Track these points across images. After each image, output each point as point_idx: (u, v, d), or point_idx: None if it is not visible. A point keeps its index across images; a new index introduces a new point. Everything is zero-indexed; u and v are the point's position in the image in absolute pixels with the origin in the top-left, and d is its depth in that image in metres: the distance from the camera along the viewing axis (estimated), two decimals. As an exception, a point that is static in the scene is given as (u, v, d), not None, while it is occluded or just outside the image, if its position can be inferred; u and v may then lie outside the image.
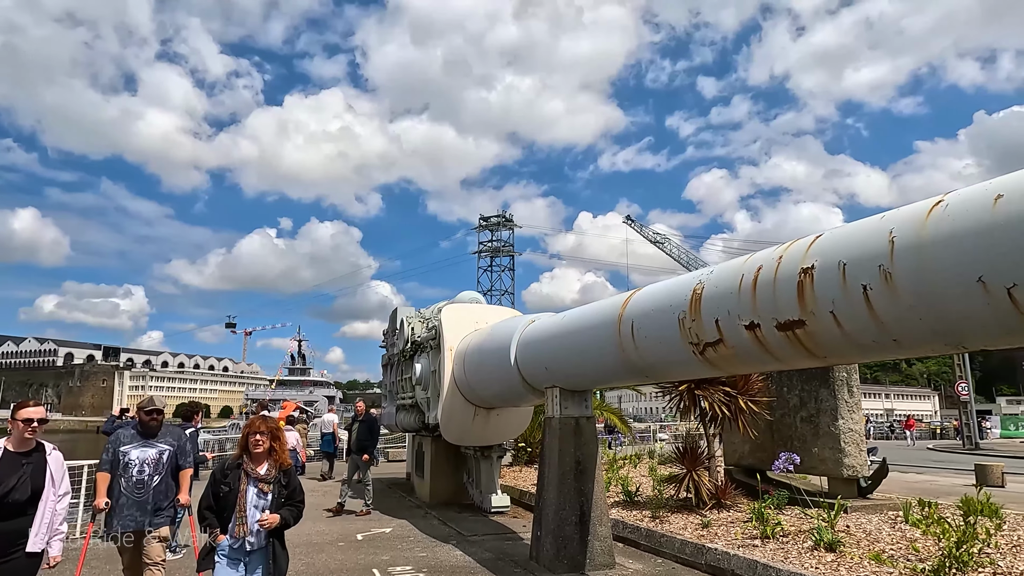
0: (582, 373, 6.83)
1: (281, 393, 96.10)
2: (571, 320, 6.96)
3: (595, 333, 6.29)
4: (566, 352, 6.94)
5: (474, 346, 9.83)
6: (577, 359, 6.72)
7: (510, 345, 8.30)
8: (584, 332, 6.53)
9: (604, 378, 6.62)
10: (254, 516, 4.09)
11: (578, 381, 7.16)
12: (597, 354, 6.32)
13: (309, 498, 10.80)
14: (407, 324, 13.17)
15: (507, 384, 8.67)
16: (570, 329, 6.86)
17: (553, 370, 7.36)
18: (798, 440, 9.60)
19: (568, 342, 6.86)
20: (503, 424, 11.08)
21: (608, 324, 6.03)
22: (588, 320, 6.53)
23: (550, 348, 7.34)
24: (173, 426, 5.82)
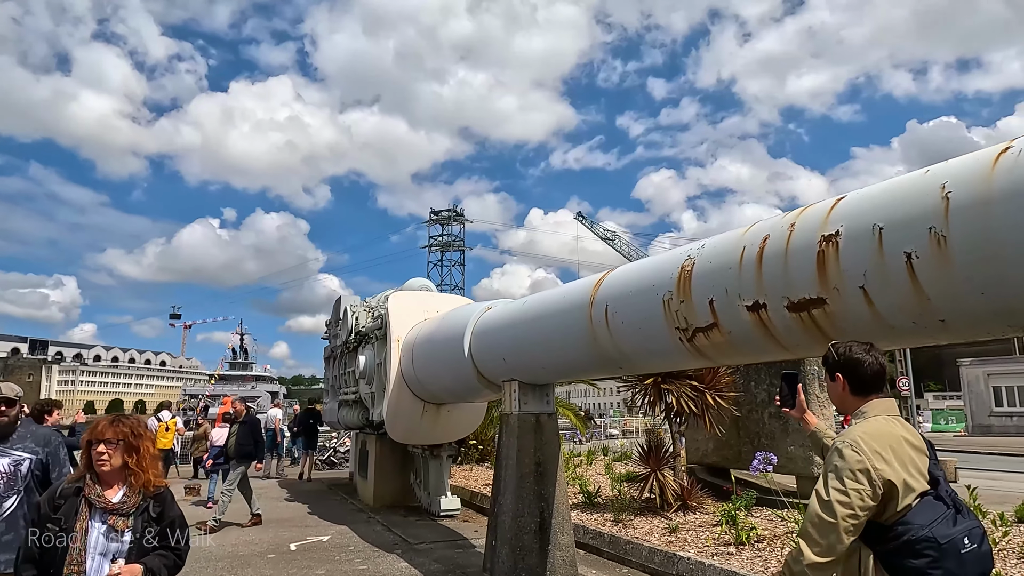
0: (545, 365, 6.10)
1: (222, 388, 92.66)
2: (533, 306, 6.22)
3: (561, 320, 5.56)
4: (527, 342, 6.19)
5: (423, 336, 9.00)
6: (540, 350, 5.99)
7: (464, 335, 7.51)
8: (548, 319, 5.80)
9: (571, 370, 5.90)
10: (101, 570, 2.71)
11: (540, 374, 6.43)
12: (564, 344, 5.60)
13: (237, 503, 9.76)
14: (351, 313, 12.21)
15: (460, 377, 7.88)
16: (532, 316, 6.12)
17: (512, 362, 6.61)
18: (766, 437, 9.13)
19: (530, 331, 6.11)
20: (454, 421, 10.27)
21: (577, 309, 5.31)
22: (553, 305, 5.80)
23: (509, 337, 6.59)
24: (41, 427, 4.74)
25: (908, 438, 2.34)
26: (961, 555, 2.14)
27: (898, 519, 2.21)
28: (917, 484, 2.25)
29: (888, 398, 2.47)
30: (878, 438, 2.28)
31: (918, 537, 2.16)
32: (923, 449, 2.36)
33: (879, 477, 2.19)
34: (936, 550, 2.13)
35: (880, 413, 2.40)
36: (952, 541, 2.15)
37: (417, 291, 11.16)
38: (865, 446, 2.24)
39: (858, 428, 2.35)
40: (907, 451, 2.30)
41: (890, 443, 2.27)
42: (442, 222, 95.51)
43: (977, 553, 2.18)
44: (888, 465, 2.22)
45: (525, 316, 6.28)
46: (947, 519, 2.19)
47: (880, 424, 2.35)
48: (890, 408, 2.45)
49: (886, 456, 2.23)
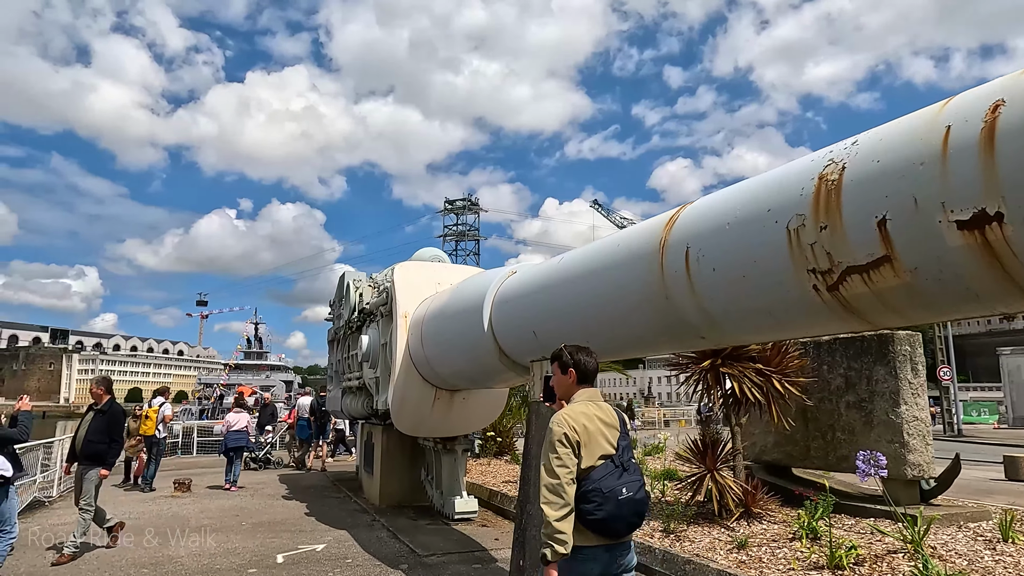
0: (591, 338, 4.65)
1: (237, 377, 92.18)
2: (575, 263, 4.77)
3: (616, 276, 4.12)
4: (566, 310, 4.76)
5: (434, 311, 7.61)
6: (584, 318, 4.55)
7: (482, 306, 6.11)
8: (597, 276, 4.36)
9: (627, 344, 4.45)
10: None
11: (582, 350, 5.00)
12: (619, 307, 4.16)
13: (244, 497, 8.40)
14: (354, 289, 10.84)
15: (477, 358, 6.49)
16: (573, 275, 4.68)
17: (545, 336, 5.19)
18: (843, 431, 7.63)
19: (570, 294, 4.68)
20: (470, 410, 8.89)
21: (640, 259, 3.87)
22: (604, 258, 4.35)
23: (540, 305, 5.16)
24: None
25: (601, 416, 3.17)
26: (619, 500, 2.98)
27: (584, 476, 3.01)
28: (601, 450, 3.07)
29: (593, 388, 3.33)
30: (576, 416, 3.10)
31: (591, 488, 2.99)
32: (615, 425, 3.19)
33: (574, 444, 3.01)
34: (600, 496, 2.97)
35: (585, 399, 3.24)
36: (613, 491, 2.99)
37: (427, 262, 9.75)
38: (566, 421, 3.06)
39: (565, 409, 3.19)
40: (598, 426, 3.12)
41: (584, 420, 3.09)
42: (457, 211, 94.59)
43: (632, 500, 3.02)
44: (579, 435, 3.03)
45: (563, 277, 4.84)
46: (613, 475, 3.03)
47: (581, 406, 3.18)
48: (593, 396, 3.28)
49: (578, 429, 3.05)
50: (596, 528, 2.95)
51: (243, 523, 9.13)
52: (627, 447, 3.16)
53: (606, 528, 2.96)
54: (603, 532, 2.97)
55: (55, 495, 11.93)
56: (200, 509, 10.27)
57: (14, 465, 6.34)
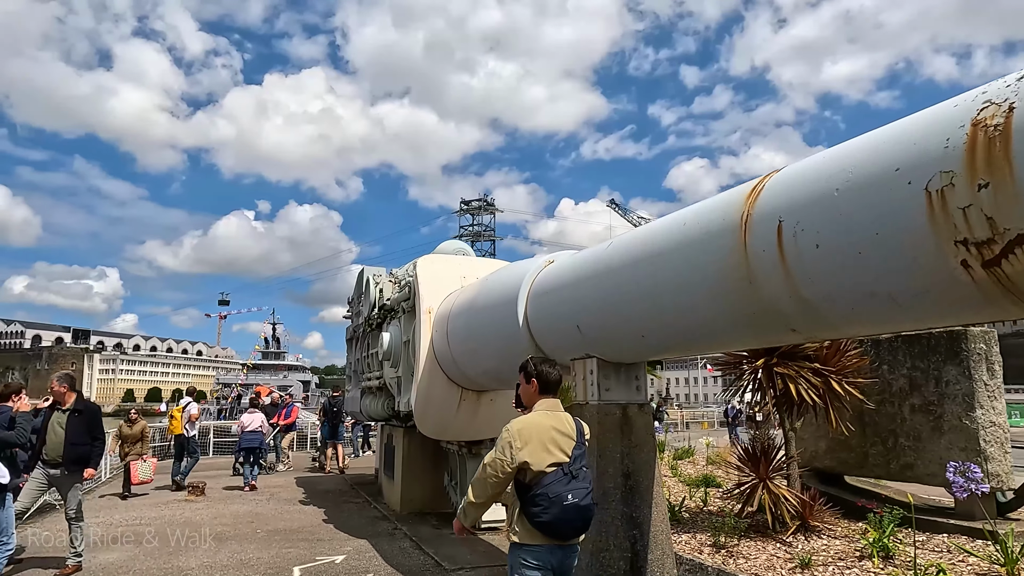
0: (649, 332, 4.09)
1: (254, 378, 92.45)
2: (628, 248, 4.21)
3: (682, 259, 3.56)
4: (619, 299, 4.20)
5: (461, 305, 7.08)
6: (642, 309, 3.99)
7: (517, 298, 5.56)
8: (657, 261, 3.79)
9: (692, 338, 3.87)
10: None
11: (634, 347, 4.44)
12: (686, 296, 3.59)
13: (259, 502, 7.91)
14: (374, 284, 10.35)
15: (510, 356, 5.92)
16: (627, 261, 4.11)
17: (591, 331, 4.64)
18: (907, 437, 6.99)
19: (623, 282, 4.12)
20: (498, 413, 8.33)
21: (715, 238, 3.30)
22: (666, 239, 3.78)
23: (586, 296, 4.60)
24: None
25: (556, 427, 3.36)
26: (564, 505, 3.19)
27: (535, 481, 3.25)
28: (553, 458, 3.27)
29: (554, 399, 3.53)
30: (528, 426, 3.33)
31: (539, 493, 3.22)
32: (570, 435, 3.38)
33: (515, 453, 3.24)
34: (547, 501, 3.19)
35: (543, 409, 3.46)
36: (559, 496, 3.19)
37: (451, 255, 9.23)
38: (515, 430, 3.30)
39: (520, 418, 3.42)
40: (551, 435, 3.32)
41: (535, 430, 3.31)
42: (472, 212, 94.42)
43: (577, 506, 3.22)
44: (527, 445, 3.26)
45: (613, 263, 4.28)
46: (561, 482, 3.23)
47: (536, 416, 3.41)
48: (552, 406, 3.48)
49: (527, 439, 3.27)
50: (543, 529, 3.24)
51: (258, 531, 8.66)
52: (580, 456, 3.38)
53: (552, 530, 3.24)
54: (550, 534, 3.25)
55: (67, 498, 11.57)
56: (214, 515, 9.83)
57: (11, 470, 5.89)
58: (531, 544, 3.28)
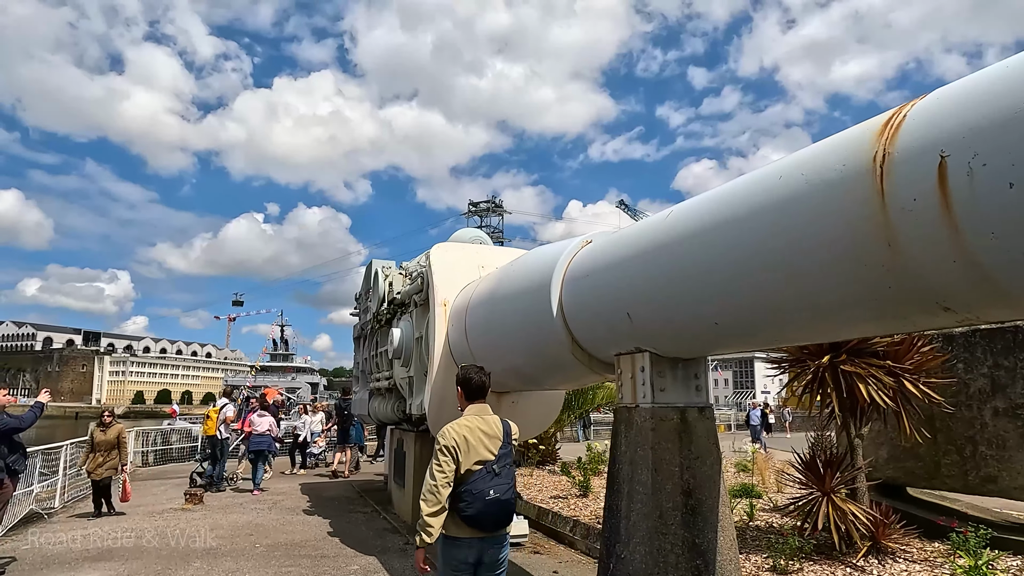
0: (729, 315, 3.29)
1: (263, 379, 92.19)
2: (698, 213, 3.41)
3: (783, 219, 2.76)
4: (687, 278, 3.41)
5: (481, 295, 6.30)
6: (721, 288, 3.19)
7: (549, 283, 4.78)
8: (744, 227, 2.99)
9: (786, 322, 3.06)
10: None
11: (702, 335, 3.64)
12: (787, 269, 2.79)
13: (260, 511, 7.17)
14: (383, 276, 9.60)
15: (540, 351, 5.16)
16: (700, 229, 3.31)
17: (645, 319, 3.85)
18: (988, 444, 6.15)
19: (694, 256, 3.32)
20: (520, 416, 7.55)
21: (832, 188, 2.51)
22: (756, 198, 2.98)
23: (641, 276, 3.81)
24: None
25: (483, 428, 3.70)
26: (487, 500, 3.53)
27: (462, 479, 3.56)
28: (479, 456, 3.60)
29: (482, 403, 3.87)
30: (459, 428, 3.65)
31: (464, 490, 3.53)
32: (497, 436, 3.73)
33: (453, 452, 3.56)
34: (471, 497, 3.52)
35: (472, 413, 3.80)
36: (482, 492, 3.53)
37: (468, 243, 8.46)
38: (449, 434, 3.62)
39: (452, 423, 3.72)
40: (479, 437, 3.64)
41: (465, 432, 3.63)
42: (480, 213, 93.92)
43: (499, 500, 3.58)
44: (459, 446, 3.58)
45: (680, 234, 3.48)
46: (485, 479, 3.57)
47: (464, 420, 3.73)
48: (480, 410, 3.82)
49: (458, 439, 3.59)
50: (469, 522, 3.53)
51: (257, 545, 7.90)
52: (505, 455, 3.73)
53: (476, 523, 3.54)
54: (474, 526, 3.54)
55: (56, 506, 10.86)
56: (211, 525, 9.09)
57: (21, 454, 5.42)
58: (459, 536, 3.59)
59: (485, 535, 3.60)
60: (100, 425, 10.25)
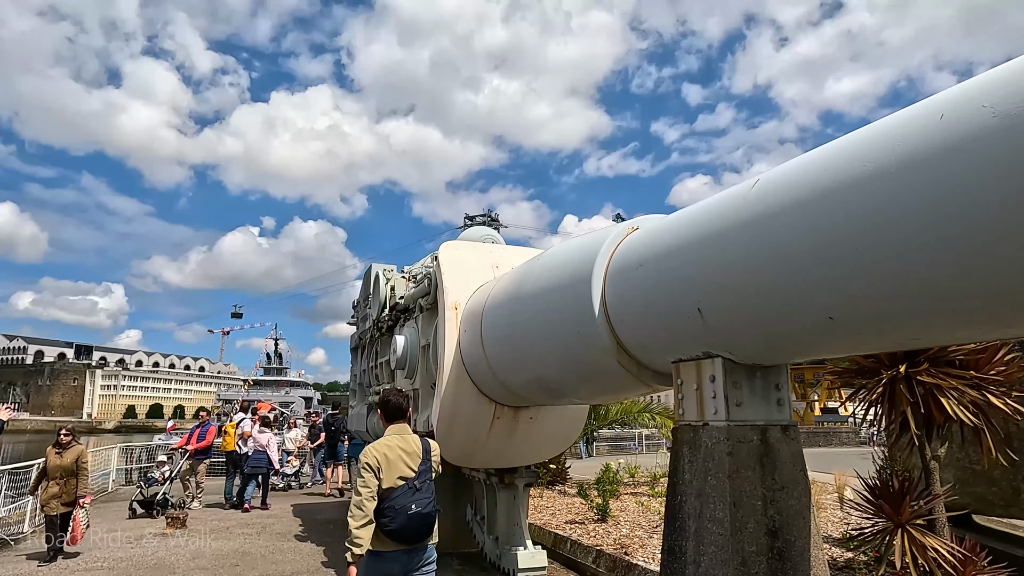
0: (853, 306, 2.52)
1: (256, 394, 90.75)
2: (809, 175, 2.66)
3: (956, 169, 2.00)
4: (794, 258, 2.64)
5: (500, 296, 5.53)
6: (849, 271, 2.42)
7: (589, 278, 4.02)
8: (892, 182, 2.23)
9: (945, 312, 2.32)
10: None
11: (804, 334, 2.88)
12: (972, 235, 2.02)
13: (248, 536, 6.27)
14: (384, 280, 8.83)
15: (576, 357, 4.37)
16: (808, 195, 2.56)
17: (724, 315, 3.09)
18: (1080, 468, 5.39)
19: (807, 230, 2.56)
20: (539, 434, 6.78)
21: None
22: (902, 147, 2.23)
23: (720, 262, 3.05)
24: None
25: (403, 447, 4.02)
26: (408, 514, 3.81)
27: (385, 495, 3.84)
28: (400, 473, 3.91)
29: (401, 423, 4.20)
30: (379, 448, 3.97)
31: (387, 506, 3.81)
32: (417, 453, 4.04)
33: (375, 470, 3.87)
34: (393, 512, 3.80)
35: (392, 434, 4.13)
36: (404, 507, 3.81)
37: (479, 242, 7.70)
38: (371, 453, 3.93)
39: (372, 444, 4.05)
40: (398, 455, 3.96)
41: (385, 451, 3.95)
42: (477, 227, 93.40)
43: (420, 514, 3.85)
44: (380, 464, 3.89)
45: (780, 204, 2.73)
46: (407, 495, 3.85)
47: (386, 440, 4.08)
48: (399, 430, 4.16)
49: (379, 458, 3.91)
50: (392, 536, 3.82)
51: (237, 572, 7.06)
52: (425, 471, 4.04)
53: (399, 536, 3.83)
54: (397, 539, 3.84)
55: (27, 530, 9.98)
56: (192, 553, 8.24)
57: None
58: (383, 550, 3.82)
59: (409, 548, 3.89)
60: (56, 446, 8.18)
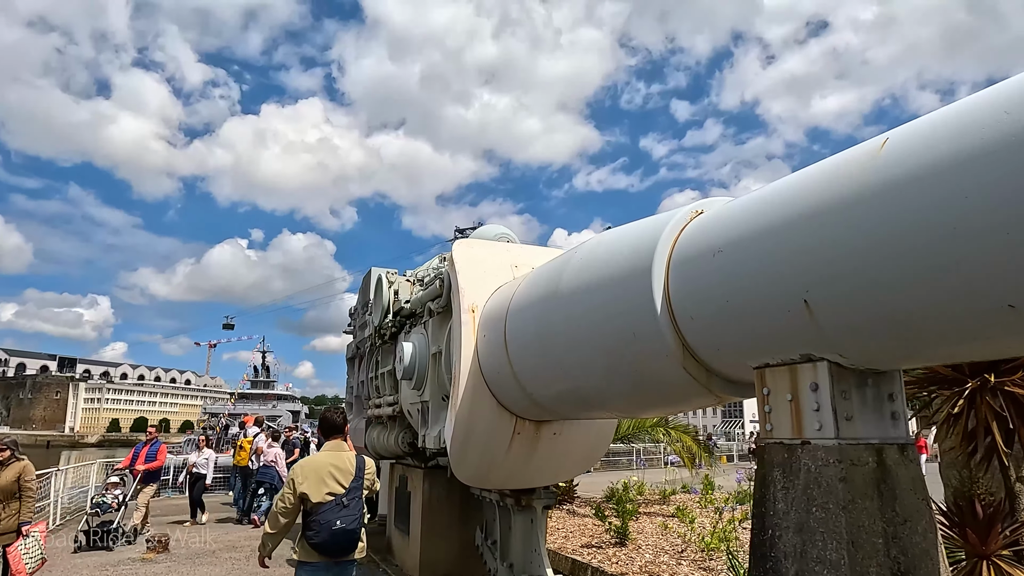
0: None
1: (242, 407, 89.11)
2: (965, 122, 2.08)
3: None
4: (946, 232, 2.05)
5: (529, 295, 4.91)
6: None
7: (649, 270, 3.42)
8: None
9: None
10: None
11: (952, 329, 2.30)
12: None
13: (236, 563, 5.68)
14: (387, 284, 8.19)
15: (629, 364, 3.75)
16: (984, 145, 1.98)
17: (844, 306, 2.50)
18: None
19: (978, 191, 1.98)
20: (562, 451, 6.15)
21: None
22: None
23: (837, 240, 2.46)
24: None
25: (335, 464, 4.27)
26: (333, 530, 4.04)
27: (313, 509, 4.10)
28: (329, 489, 4.16)
29: (337, 439, 4.48)
30: (308, 465, 4.30)
31: (313, 519, 4.08)
32: (349, 471, 4.28)
33: (297, 487, 4.15)
34: (318, 526, 4.05)
35: (327, 450, 4.41)
36: (329, 522, 4.04)
37: (492, 240, 7.09)
38: (298, 469, 4.26)
39: (303, 459, 4.50)
40: (328, 471, 4.21)
41: (314, 468, 4.24)
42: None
43: (344, 530, 4.08)
44: (306, 480, 4.16)
45: (921, 167, 2.15)
46: (333, 511, 4.08)
47: (318, 456, 4.39)
48: (335, 447, 4.43)
49: (307, 475, 4.19)
50: (316, 549, 4.09)
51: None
52: (355, 488, 4.25)
53: (323, 549, 4.08)
54: (322, 552, 4.10)
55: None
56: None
57: None
58: (308, 561, 4.17)
59: (334, 560, 4.14)
60: None
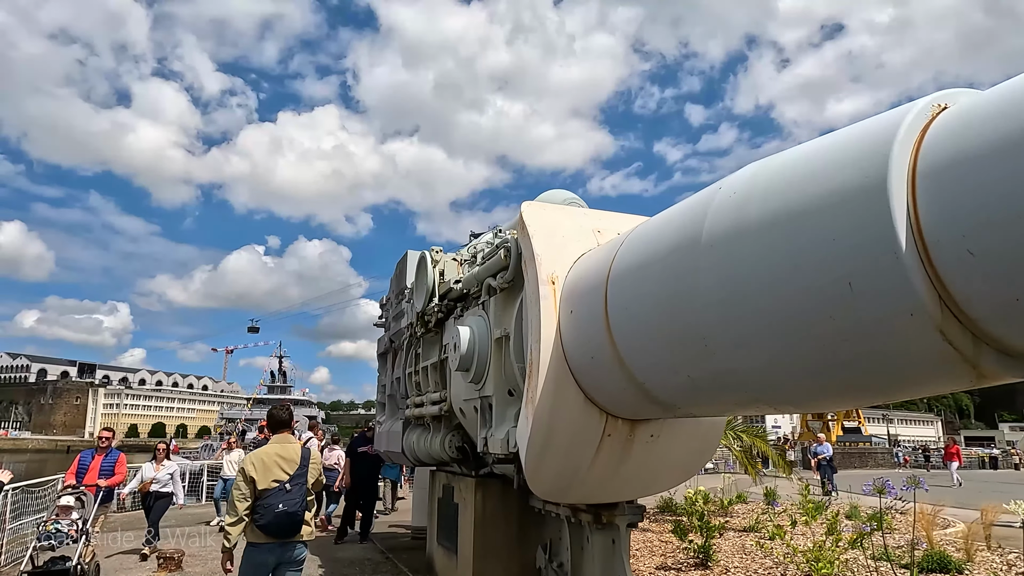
0: None
1: (259, 413, 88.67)
2: None
3: None
4: None
5: (650, 252, 3.73)
6: None
7: (885, 186, 2.24)
8: None
9: None
10: None
11: None
12: None
13: None
14: (430, 263, 7.07)
15: (834, 333, 2.56)
16: None
17: None
18: None
19: None
20: (659, 457, 4.96)
21: None
22: None
23: None
24: None
25: (281, 454, 4.87)
26: (276, 512, 4.62)
27: (260, 495, 4.68)
28: (274, 476, 4.74)
29: (284, 433, 5.12)
30: (258, 455, 4.88)
31: (259, 503, 4.66)
32: (295, 460, 4.87)
33: (248, 474, 4.70)
34: (263, 509, 4.63)
35: (275, 441, 5.00)
36: (272, 506, 4.63)
37: (562, 204, 5.94)
38: (248, 459, 4.90)
39: (252, 451, 5.27)
40: (274, 460, 4.81)
41: (262, 457, 4.83)
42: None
43: (287, 512, 4.65)
44: (255, 468, 4.74)
45: None
46: (277, 495, 4.67)
47: (266, 447, 4.96)
48: (281, 439, 5.03)
49: (256, 464, 4.78)
50: (262, 530, 4.63)
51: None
52: (299, 475, 4.81)
53: (267, 530, 4.62)
54: (267, 533, 4.63)
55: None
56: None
57: None
58: (258, 542, 4.68)
59: (279, 541, 4.69)
60: None
